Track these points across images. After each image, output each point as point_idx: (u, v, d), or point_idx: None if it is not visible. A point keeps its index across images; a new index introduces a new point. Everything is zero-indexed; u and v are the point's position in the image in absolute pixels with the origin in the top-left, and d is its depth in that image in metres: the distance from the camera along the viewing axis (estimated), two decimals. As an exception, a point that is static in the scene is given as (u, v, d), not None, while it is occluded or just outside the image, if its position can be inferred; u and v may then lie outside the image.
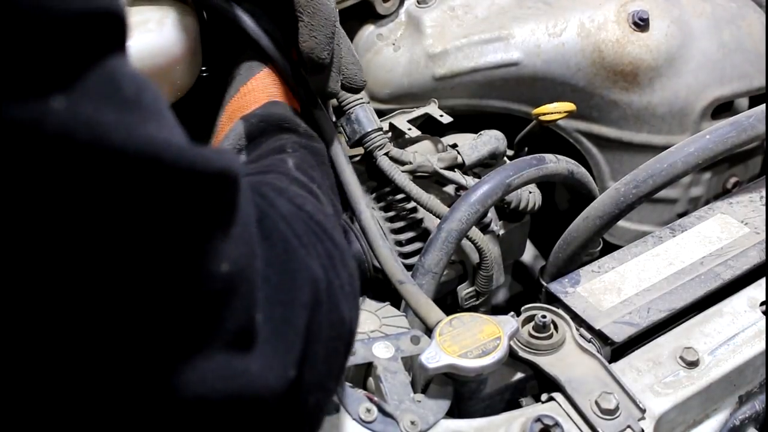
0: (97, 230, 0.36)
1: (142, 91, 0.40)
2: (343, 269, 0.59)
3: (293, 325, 0.50)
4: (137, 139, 0.37)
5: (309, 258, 0.54)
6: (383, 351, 0.76)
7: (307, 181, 0.69)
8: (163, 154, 0.38)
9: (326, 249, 0.57)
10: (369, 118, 0.97)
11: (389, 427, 0.69)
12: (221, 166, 0.42)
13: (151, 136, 0.38)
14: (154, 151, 0.38)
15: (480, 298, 1.01)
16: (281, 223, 0.54)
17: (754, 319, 0.83)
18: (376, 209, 1.00)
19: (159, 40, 0.88)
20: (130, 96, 0.38)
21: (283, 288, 0.50)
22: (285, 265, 0.51)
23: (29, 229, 0.35)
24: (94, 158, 0.35)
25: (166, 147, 0.38)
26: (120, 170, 0.36)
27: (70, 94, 0.35)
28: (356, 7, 1.13)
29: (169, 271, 0.40)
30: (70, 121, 0.35)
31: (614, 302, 0.85)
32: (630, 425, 0.71)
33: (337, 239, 0.60)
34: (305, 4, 0.81)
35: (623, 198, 0.89)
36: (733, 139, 0.91)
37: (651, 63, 1.07)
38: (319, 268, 0.54)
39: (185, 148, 0.40)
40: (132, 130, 0.37)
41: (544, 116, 1.00)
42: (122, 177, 0.36)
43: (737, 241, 0.92)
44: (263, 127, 0.80)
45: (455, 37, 1.12)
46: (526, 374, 0.79)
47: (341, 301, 0.56)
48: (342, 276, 0.58)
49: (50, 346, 0.37)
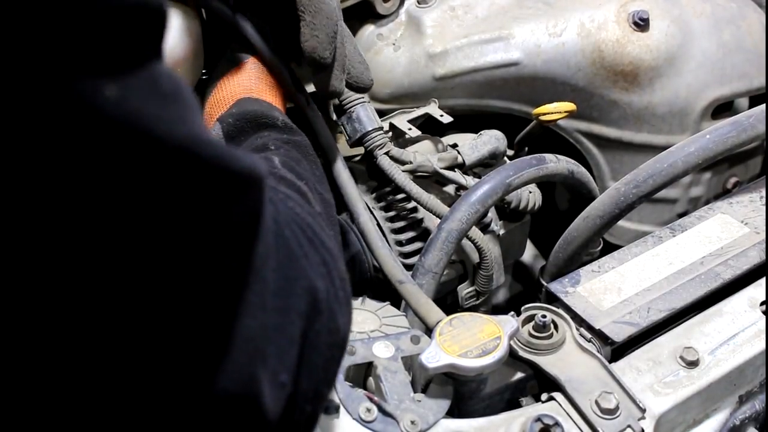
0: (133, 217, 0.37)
1: (180, 89, 0.41)
2: (337, 276, 0.59)
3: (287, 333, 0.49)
4: (179, 133, 0.38)
5: (309, 267, 0.54)
6: (383, 350, 0.76)
7: (294, 178, 0.69)
8: (202, 149, 0.39)
9: (321, 257, 0.57)
10: (370, 117, 0.97)
11: (389, 426, 0.69)
12: (251, 167, 0.43)
13: (191, 132, 0.39)
14: (193, 147, 0.39)
15: (480, 297, 1.01)
16: (287, 228, 0.54)
17: (754, 318, 0.83)
18: (377, 209, 1.00)
19: None
20: (171, 92, 0.39)
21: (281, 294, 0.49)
22: (286, 272, 0.51)
23: (70, 207, 0.35)
24: (139, 148, 0.36)
25: (205, 143, 0.39)
26: (161, 161, 0.37)
27: (120, 84, 0.36)
28: (356, 6, 1.13)
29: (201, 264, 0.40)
30: (119, 110, 0.36)
31: (614, 302, 0.85)
32: (630, 425, 0.71)
33: (327, 244, 0.60)
34: (307, 4, 0.81)
35: (623, 198, 0.89)
36: (734, 138, 0.91)
37: (651, 63, 1.07)
38: (318, 277, 0.54)
39: (220, 146, 0.41)
40: (174, 125, 0.38)
41: (545, 116, 1.00)
42: (163, 168, 0.37)
43: (737, 241, 0.92)
44: (241, 126, 0.81)
45: (455, 37, 1.12)
46: (526, 374, 0.79)
47: (336, 309, 0.56)
48: (336, 283, 0.58)
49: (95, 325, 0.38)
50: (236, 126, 0.81)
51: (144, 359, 0.39)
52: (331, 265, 0.58)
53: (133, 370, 0.39)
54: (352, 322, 0.81)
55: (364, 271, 0.95)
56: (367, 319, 0.83)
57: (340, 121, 0.99)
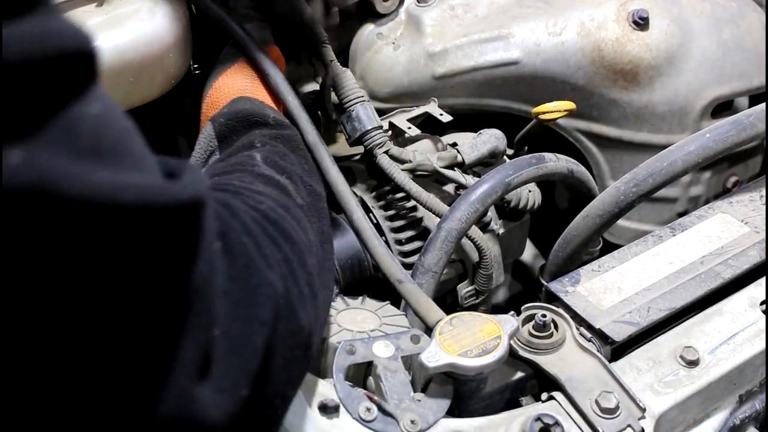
0: (60, 275, 0.37)
1: (104, 132, 0.40)
2: (302, 271, 0.58)
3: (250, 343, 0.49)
4: (92, 186, 0.37)
5: (270, 271, 0.53)
6: (383, 350, 0.76)
7: (274, 173, 0.70)
8: (121, 196, 0.38)
9: (284, 255, 0.57)
10: (369, 116, 0.97)
11: (389, 426, 0.69)
12: (186, 197, 0.42)
13: (108, 181, 0.38)
14: (110, 196, 0.38)
15: (480, 297, 1.01)
16: (244, 236, 0.53)
17: (754, 318, 0.82)
18: (376, 208, 1.00)
19: (152, 28, 0.89)
20: (89, 142, 0.38)
21: (243, 304, 0.49)
22: (246, 280, 0.51)
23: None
24: (50, 211, 0.36)
25: (124, 189, 0.38)
26: (78, 218, 0.36)
27: (26, 146, 0.35)
28: (356, 6, 1.13)
29: (135, 300, 0.40)
30: (24, 176, 0.35)
31: (614, 301, 0.85)
32: (630, 424, 0.71)
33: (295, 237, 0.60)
34: None
35: (623, 197, 0.89)
36: (733, 137, 0.91)
37: (651, 62, 1.07)
38: (279, 280, 0.54)
39: (145, 185, 0.40)
40: (87, 178, 0.37)
41: (544, 115, 1.00)
42: (81, 224, 0.37)
43: (737, 241, 0.92)
44: (232, 126, 0.82)
45: (455, 36, 1.12)
46: (526, 373, 0.79)
47: (299, 309, 0.56)
48: (300, 281, 0.58)
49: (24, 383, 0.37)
50: (228, 126, 0.82)
51: (82, 390, 0.39)
52: (295, 262, 0.58)
53: (72, 400, 0.39)
54: (353, 322, 0.82)
55: (364, 270, 0.95)
56: (366, 318, 0.83)
57: (340, 120, 0.99)
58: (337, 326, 0.81)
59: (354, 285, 0.92)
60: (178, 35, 0.92)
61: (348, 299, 0.86)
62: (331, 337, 0.79)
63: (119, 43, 0.87)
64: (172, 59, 0.92)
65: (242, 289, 0.50)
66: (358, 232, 0.89)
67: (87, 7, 0.89)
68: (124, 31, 0.87)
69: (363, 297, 0.87)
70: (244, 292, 0.50)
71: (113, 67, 0.86)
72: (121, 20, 0.88)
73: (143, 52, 0.88)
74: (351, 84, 0.99)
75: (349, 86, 0.98)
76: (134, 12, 0.89)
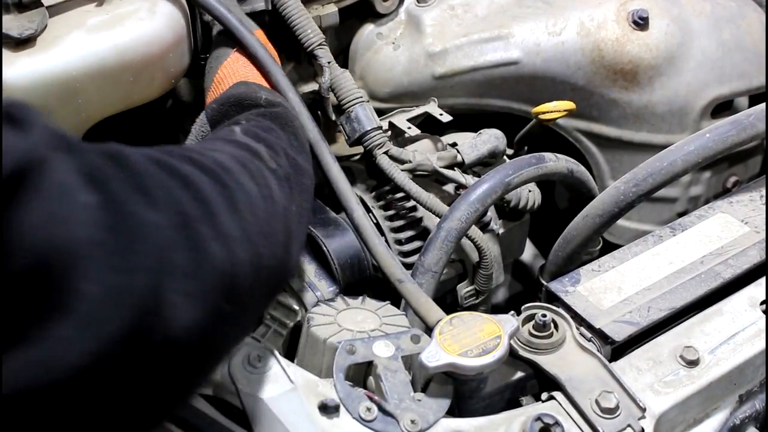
0: None
1: None
2: (232, 219, 0.58)
3: (128, 292, 0.48)
4: None
5: (155, 214, 0.52)
6: (383, 350, 0.76)
7: (250, 141, 0.71)
8: None
9: (201, 195, 0.56)
10: (368, 116, 0.97)
11: (389, 425, 0.69)
12: (15, 161, 0.42)
13: None
14: None
15: (480, 296, 1.01)
16: (125, 183, 0.51)
17: (754, 318, 0.82)
18: (376, 208, 1.00)
19: (151, 28, 0.89)
20: None
21: (119, 253, 0.48)
22: (124, 228, 0.49)
23: None
24: None
25: None
26: None
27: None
28: (356, 5, 1.13)
29: None
30: None
31: (614, 301, 0.85)
32: (630, 424, 0.71)
33: (233, 185, 0.60)
34: None
35: (623, 196, 0.89)
36: (733, 137, 0.91)
37: (651, 62, 1.07)
38: (166, 221, 0.52)
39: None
40: None
41: (544, 115, 1.00)
42: None
43: (737, 240, 0.92)
44: (225, 110, 0.83)
45: (455, 36, 1.12)
46: (527, 373, 0.79)
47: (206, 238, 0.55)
48: (224, 226, 0.57)
49: None
50: (220, 111, 0.83)
51: None
52: (220, 204, 0.57)
53: None
54: (354, 322, 0.82)
55: (364, 269, 0.95)
56: (367, 318, 0.83)
57: (339, 120, 0.99)
58: (337, 326, 0.81)
59: (354, 285, 0.92)
60: (178, 34, 0.92)
61: (348, 299, 0.86)
62: (331, 337, 0.79)
63: (119, 43, 0.87)
64: (172, 59, 0.92)
65: (119, 238, 0.48)
66: (358, 230, 0.89)
67: (87, 7, 0.89)
68: (124, 31, 0.87)
69: (363, 297, 0.87)
70: (122, 241, 0.48)
71: (113, 67, 0.86)
72: (120, 20, 0.88)
73: (143, 52, 0.88)
74: (350, 85, 0.99)
75: (347, 87, 0.98)
76: (134, 11, 0.89)
